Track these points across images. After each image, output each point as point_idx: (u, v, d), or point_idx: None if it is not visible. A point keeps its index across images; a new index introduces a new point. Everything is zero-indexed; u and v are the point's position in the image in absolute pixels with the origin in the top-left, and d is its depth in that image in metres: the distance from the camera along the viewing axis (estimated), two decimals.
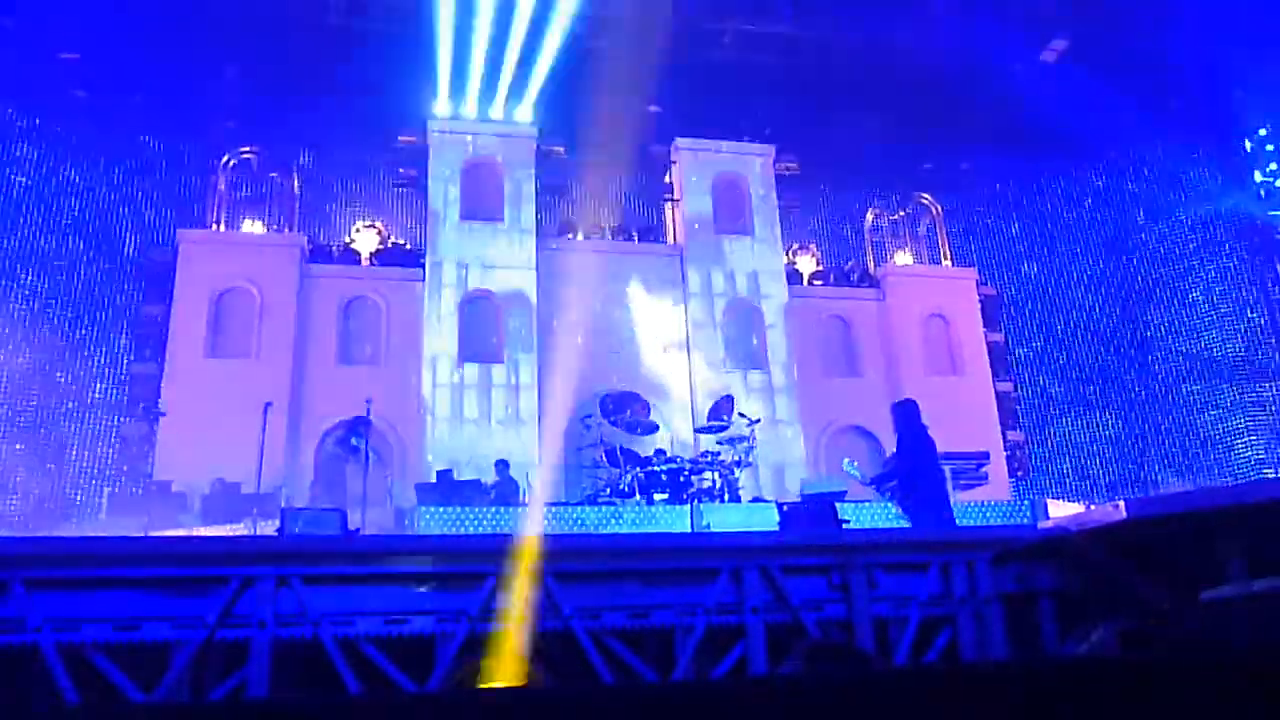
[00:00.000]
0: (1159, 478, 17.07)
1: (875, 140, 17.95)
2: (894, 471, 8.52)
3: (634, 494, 11.18)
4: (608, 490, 11.63)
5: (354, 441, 11.70)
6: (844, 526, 7.45)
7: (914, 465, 8.00)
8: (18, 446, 14.15)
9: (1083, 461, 18.12)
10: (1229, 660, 2.72)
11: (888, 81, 16.86)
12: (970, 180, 19.86)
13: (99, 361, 15.65)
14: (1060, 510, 10.73)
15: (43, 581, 4.51)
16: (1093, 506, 5.61)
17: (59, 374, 15.14)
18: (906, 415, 8.27)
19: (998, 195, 20.17)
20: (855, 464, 9.62)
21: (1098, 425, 18.12)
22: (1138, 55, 16.17)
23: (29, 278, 15.39)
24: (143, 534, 9.01)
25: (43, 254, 15.68)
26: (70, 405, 15.17)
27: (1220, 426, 16.84)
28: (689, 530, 9.63)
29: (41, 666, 4.39)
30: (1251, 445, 16.36)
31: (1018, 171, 19.41)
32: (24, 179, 15.63)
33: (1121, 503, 4.95)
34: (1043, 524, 5.72)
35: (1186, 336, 17.62)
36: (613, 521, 9.86)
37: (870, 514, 9.99)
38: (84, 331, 15.70)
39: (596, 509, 10.42)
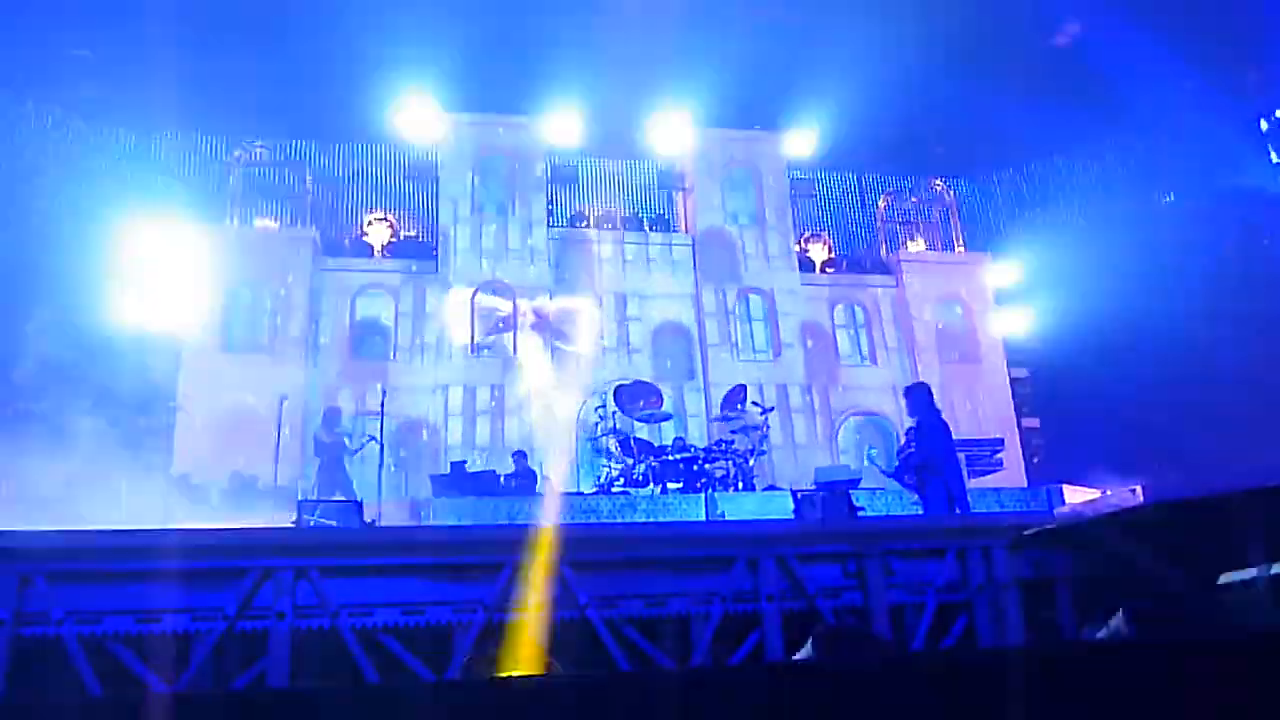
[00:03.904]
0: (1176, 463, 16.93)
1: (887, 126, 17.81)
2: (911, 457, 8.50)
3: (648, 483, 11.19)
4: (621, 480, 11.64)
5: (337, 431, 11.89)
6: (859, 514, 7.44)
7: (929, 450, 7.97)
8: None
9: (1099, 447, 17.99)
10: (1248, 644, 2.71)
11: (899, 66, 16.72)
12: (983, 165, 19.70)
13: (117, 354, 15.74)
14: (1076, 496, 10.67)
15: (65, 575, 4.56)
16: (1109, 492, 5.58)
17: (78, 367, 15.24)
18: (920, 400, 8.24)
19: (1011, 179, 20.00)
20: (878, 454, 9.61)
21: (1114, 410, 17.97)
22: (1154, 33, 15.95)
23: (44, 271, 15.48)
24: (162, 527, 9.08)
25: (57, 249, 15.77)
26: (90, 399, 15.27)
27: (1236, 411, 16.67)
28: (704, 519, 9.65)
29: (64, 659, 4.44)
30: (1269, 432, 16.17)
31: (1031, 155, 19.24)
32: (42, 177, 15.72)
33: (1139, 488, 4.91)
34: (1059, 510, 5.69)
35: (1203, 320, 17.42)
36: (627, 511, 9.88)
37: (885, 501, 9.98)
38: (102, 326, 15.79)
39: (611, 498, 10.43)
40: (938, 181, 19.47)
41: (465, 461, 13.50)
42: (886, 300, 18.23)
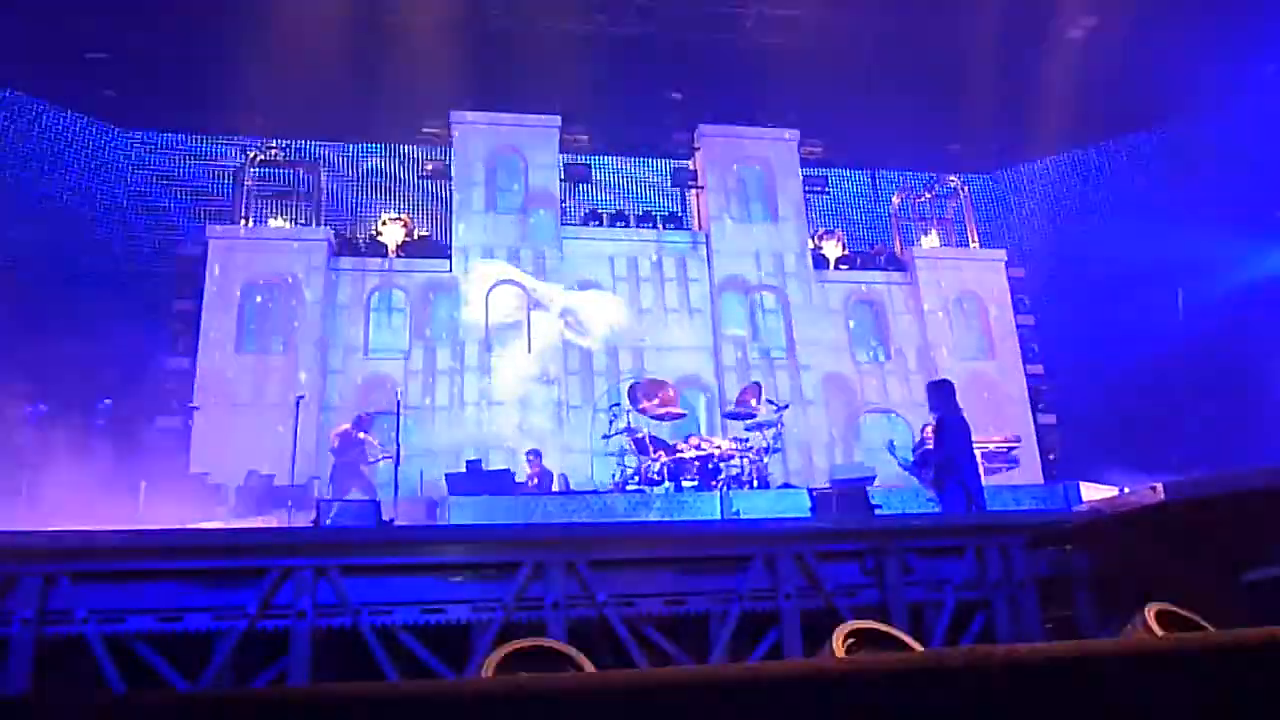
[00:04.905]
0: (1196, 459, 16.81)
1: (901, 122, 17.74)
2: (930, 453, 8.48)
3: (663, 481, 11.19)
4: (636, 478, 11.64)
5: (361, 436, 12.01)
6: (876, 511, 7.43)
7: (950, 448, 7.94)
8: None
9: (1117, 444, 17.87)
10: (1270, 643, 2.69)
11: (913, 62, 16.66)
12: (998, 161, 19.60)
13: (134, 356, 15.85)
14: (1094, 494, 10.62)
15: (88, 574, 4.61)
16: (1128, 490, 5.57)
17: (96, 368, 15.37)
18: (943, 396, 8.21)
19: (1026, 176, 19.89)
20: (900, 445, 9.57)
21: (1133, 407, 17.84)
22: (1168, 30, 15.83)
23: (62, 272, 15.65)
24: (181, 527, 9.16)
25: (75, 249, 15.93)
26: (108, 400, 15.39)
27: (1259, 407, 16.53)
28: (719, 517, 9.65)
29: (88, 657, 4.49)
30: None
31: (1046, 151, 19.12)
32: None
33: (1159, 485, 4.88)
34: (1077, 508, 5.67)
35: (1219, 316, 17.27)
36: (642, 509, 9.88)
37: (901, 499, 9.95)
38: (120, 326, 15.91)
39: (625, 497, 10.43)
40: (952, 178, 19.38)
41: (480, 460, 13.55)
42: (901, 296, 18.14)
